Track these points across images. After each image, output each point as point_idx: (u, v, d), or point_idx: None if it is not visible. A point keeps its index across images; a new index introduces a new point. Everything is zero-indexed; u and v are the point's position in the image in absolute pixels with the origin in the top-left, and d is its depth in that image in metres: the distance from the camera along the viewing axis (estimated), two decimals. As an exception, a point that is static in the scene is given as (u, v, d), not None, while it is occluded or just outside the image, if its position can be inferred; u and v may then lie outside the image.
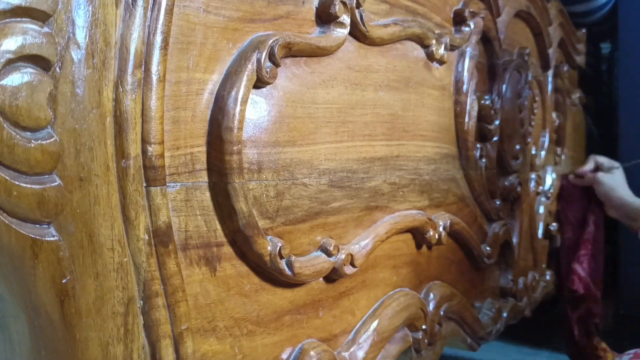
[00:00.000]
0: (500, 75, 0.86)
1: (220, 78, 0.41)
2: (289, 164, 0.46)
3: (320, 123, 0.50)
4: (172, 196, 0.38)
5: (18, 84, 0.30)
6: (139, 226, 0.35)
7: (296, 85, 0.47)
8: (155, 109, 0.35)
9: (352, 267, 0.52)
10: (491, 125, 0.81)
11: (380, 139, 0.57)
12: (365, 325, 0.56)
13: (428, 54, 0.66)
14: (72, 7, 0.32)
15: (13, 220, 0.31)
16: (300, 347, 0.48)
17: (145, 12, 0.35)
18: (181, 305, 0.38)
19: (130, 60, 0.34)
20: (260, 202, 0.43)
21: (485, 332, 0.81)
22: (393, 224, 0.59)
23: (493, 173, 0.85)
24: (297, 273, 0.45)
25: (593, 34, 1.42)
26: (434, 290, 0.68)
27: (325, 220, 0.50)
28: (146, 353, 0.36)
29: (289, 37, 0.44)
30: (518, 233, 0.96)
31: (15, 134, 0.30)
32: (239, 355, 0.43)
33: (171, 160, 0.38)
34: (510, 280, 0.92)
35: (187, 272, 0.39)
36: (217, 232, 0.41)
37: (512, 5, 0.91)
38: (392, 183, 0.60)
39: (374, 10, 0.56)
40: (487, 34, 0.80)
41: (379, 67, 0.57)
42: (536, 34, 1.05)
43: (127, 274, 0.35)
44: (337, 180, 0.52)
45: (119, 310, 0.34)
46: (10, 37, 0.30)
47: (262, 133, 0.44)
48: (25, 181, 0.31)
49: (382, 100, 0.58)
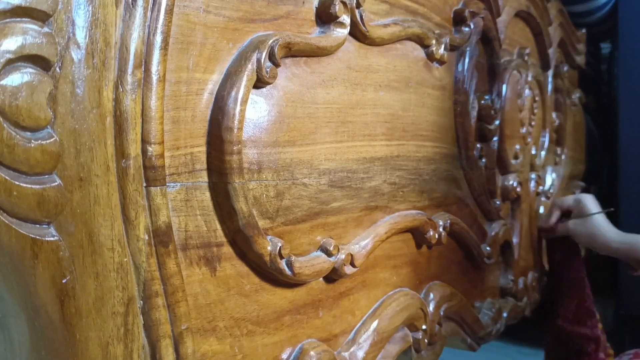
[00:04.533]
0: (500, 75, 0.86)
1: (220, 78, 0.41)
2: (289, 164, 0.46)
3: (320, 123, 0.50)
4: (172, 196, 0.38)
5: (18, 84, 0.30)
6: (139, 226, 0.35)
7: (296, 85, 0.47)
8: (155, 109, 0.35)
9: (352, 267, 0.52)
10: (491, 125, 0.81)
11: (380, 139, 0.57)
12: (365, 325, 0.56)
13: (428, 54, 0.66)
14: (72, 7, 0.32)
15: (13, 220, 0.31)
16: (300, 347, 0.48)
17: (145, 12, 0.35)
18: (181, 305, 0.38)
19: (130, 60, 0.34)
20: (260, 202, 0.43)
21: (485, 332, 0.81)
22: (393, 224, 0.59)
23: (493, 173, 0.85)
24: (297, 273, 0.45)
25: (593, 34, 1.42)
26: (434, 290, 0.68)
27: (325, 220, 0.50)
28: (146, 353, 0.36)
29: (289, 37, 0.44)
30: (518, 233, 0.96)
31: (15, 134, 0.30)
32: (239, 355, 0.43)
33: (171, 160, 0.38)
34: (510, 280, 0.92)
35: (187, 272, 0.39)
36: (217, 232, 0.41)
37: (512, 5, 0.91)
38: (392, 183, 0.60)
39: (374, 10, 0.56)
40: (487, 34, 0.80)
41: (379, 67, 0.57)
42: (536, 34, 1.05)
43: (127, 274, 0.35)
44: (337, 180, 0.52)
45: (119, 310, 0.34)
46: (10, 37, 0.30)
47: (262, 133, 0.44)
48: (25, 181, 0.31)
49: (382, 100, 0.58)
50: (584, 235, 0.94)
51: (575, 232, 0.96)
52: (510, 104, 0.90)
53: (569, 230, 0.97)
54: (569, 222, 0.97)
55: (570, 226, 0.96)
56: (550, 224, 1.02)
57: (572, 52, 1.26)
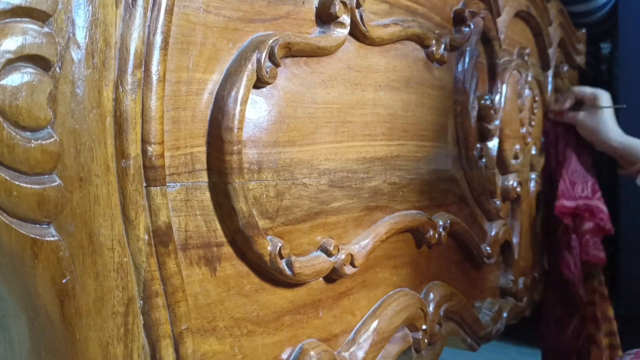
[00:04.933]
0: (500, 75, 0.86)
1: (220, 78, 0.41)
2: (289, 164, 0.46)
3: (320, 123, 0.50)
4: (172, 196, 0.38)
5: (18, 84, 0.30)
6: (139, 226, 0.35)
7: (296, 85, 0.47)
8: (155, 109, 0.35)
9: (352, 267, 0.52)
10: (491, 125, 0.81)
11: (380, 139, 0.58)
12: (365, 325, 0.56)
13: (428, 54, 0.66)
14: (72, 7, 0.32)
15: (13, 220, 0.31)
16: (300, 347, 0.48)
17: (145, 12, 0.35)
18: (181, 305, 0.38)
19: (130, 60, 0.34)
20: (260, 202, 0.43)
21: (485, 332, 0.81)
22: (393, 224, 0.59)
23: (493, 173, 0.85)
24: (297, 273, 0.45)
25: (593, 34, 1.42)
26: (434, 290, 0.68)
27: (325, 220, 0.50)
28: (146, 353, 0.36)
29: (289, 37, 0.44)
30: (518, 233, 0.96)
31: (15, 134, 0.30)
32: (239, 355, 0.43)
33: (171, 160, 0.38)
34: (510, 280, 0.92)
35: (187, 272, 0.39)
36: (217, 232, 0.41)
37: (512, 5, 0.91)
38: (392, 183, 0.60)
39: (374, 10, 0.56)
40: (487, 34, 0.80)
41: (379, 67, 0.57)
42: (536, 34, 1.05)
43: (127, 274, 0.35)
44: (337, 180, 0.52)
45: (119, 310, 0.34)
46: (10, 37, 0.30)
47: (262, 133, 0.44)
48: (25, 181, 0.31)
49: (382, 100, 0.58)
50: (590, 128, 0.96)
51: (583, 123, 0.97)
52: (510, 104, 0.90)
53: (576, 120, 0.98)
54: (579, 113, 0.98)
55: (579, 117, 0.98)
56: (563, 108, 1.02)
57: (572, 52, 1.26)
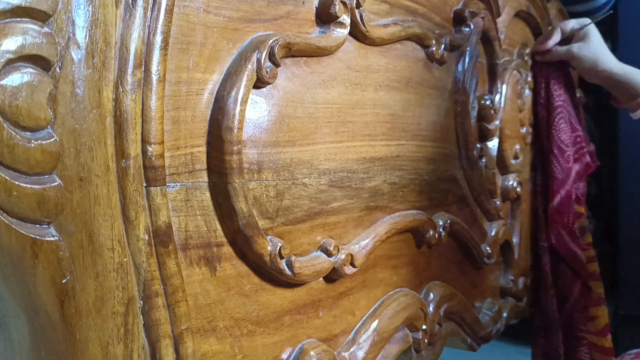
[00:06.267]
0: (500, 75, 0.86)
1: (220, 78, 0.41)
2: (289, 164, 0.46)
3: (320, 123, 0.50)
4: (172, 196, 0.38)
5: (18, 84, 0.30)
6: (139, 226, 0.35)
7: (296, 85, 0.47)
8: (155, 109, 0.35)
9: (352, 267, 0.52)
10: (491, 125, 0.81)
11: (380, 139, 0.57)
12: (365, 325, 0.56)
13: (428, 54, 0.66)
14: (72, 7, 0.32)
15: (13, 220, 0.31)
16: (300, 347, 0.48)
17: (145, 12, 0.35)
18: (181, 305, 0.38)
19: (130, 60, 0.34)
20: (260, 202, 0.43)
21: (485, 332, 0.81)
22: (393, 224, 0.59)
23: (493, 173, 0.85)
24: (297, 273, 0.45)
25: (593, 34, 1.42)
26: (434, 290, 0.68)
27: (325, 220, 0.50)
28: (146, 353, 0.36)
29: (289, 37, 0.44)
30: (518, 233, 0.96)
31: (15, 134, 0.30)
32: (239, 355, 0.43)
33: (171, 160, 0.38)
34: (510, 280, 0.92)
35: (187, 272, 0.39)
36: (217, 232, 0.41)
37: (512, 5, 0.91)
38: (392, 183, 0.60)
39: (374, 10, 0.56)
40: (487, 34, 0.80)
41: (379, 67, 0.57)
42: (536, 34, 1.05)
43: (127, 274, 0.35)
44: (337, 180, 0.51)
45: (119, 310, 0.34)
46: (10, 37, 0.30)
47: (262, 133, 0.44)
48: (25, 181, 0.31)
49: (382, 100, 0.58)
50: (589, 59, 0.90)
51: (580, 56, 0.91)
52: (510, 104, 0.90)
53: (572, 53, 0.92)
54: (573, 45, 0.92)
55: (574, 50, 0.92)
56: (547, 46, 0.95)
57: (572, 52, 1.26)
